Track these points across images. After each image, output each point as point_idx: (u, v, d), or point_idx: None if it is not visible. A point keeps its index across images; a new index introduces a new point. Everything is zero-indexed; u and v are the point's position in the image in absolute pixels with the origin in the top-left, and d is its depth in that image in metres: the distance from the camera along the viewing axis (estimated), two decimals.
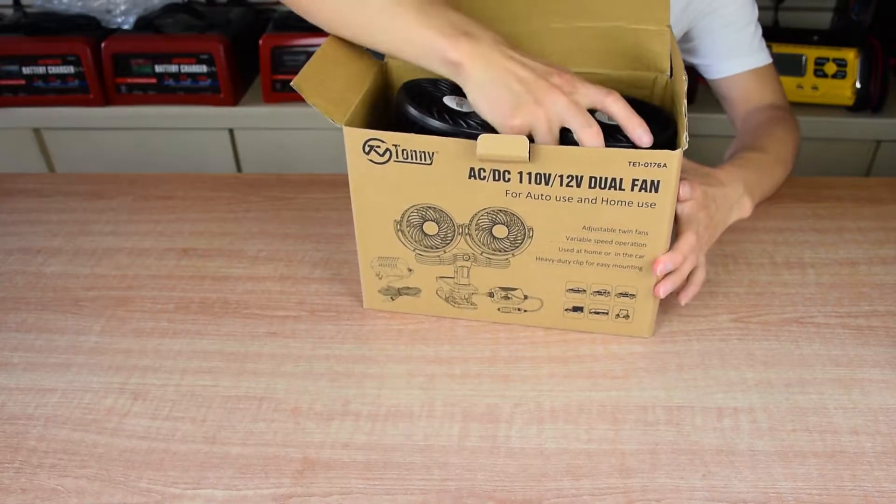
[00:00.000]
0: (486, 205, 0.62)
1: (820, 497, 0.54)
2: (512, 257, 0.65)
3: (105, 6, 1.54)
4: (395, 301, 0.71)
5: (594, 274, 0.65)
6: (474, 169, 0.60)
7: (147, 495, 0.55)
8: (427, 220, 0.64)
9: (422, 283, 0.69)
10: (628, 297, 0.66)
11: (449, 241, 0.65)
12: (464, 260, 0.66)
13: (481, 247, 0.65)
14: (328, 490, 0.55)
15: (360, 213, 0.66)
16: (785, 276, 0.76)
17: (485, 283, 0.67)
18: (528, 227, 0.63)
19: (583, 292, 0.66)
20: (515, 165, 0.59)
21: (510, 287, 0.67)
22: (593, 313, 0.67)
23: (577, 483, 0.55)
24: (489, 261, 0.65)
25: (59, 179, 0.95)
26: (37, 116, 1.52)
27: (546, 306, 0.68)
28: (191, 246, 0.80)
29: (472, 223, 0.63)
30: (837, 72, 1.46)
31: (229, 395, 0.63)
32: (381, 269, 0.69)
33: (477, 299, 0.69)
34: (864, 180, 0.94)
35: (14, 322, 0.72)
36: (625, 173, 0.58)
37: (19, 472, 0.57)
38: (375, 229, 0.66)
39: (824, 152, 1.51)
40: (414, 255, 0.67)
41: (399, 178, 0.62)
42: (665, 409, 0.61)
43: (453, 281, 0.68)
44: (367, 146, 0.61)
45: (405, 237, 0.66)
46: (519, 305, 0.68)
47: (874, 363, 0.66)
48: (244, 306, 0.73)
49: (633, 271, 0.64)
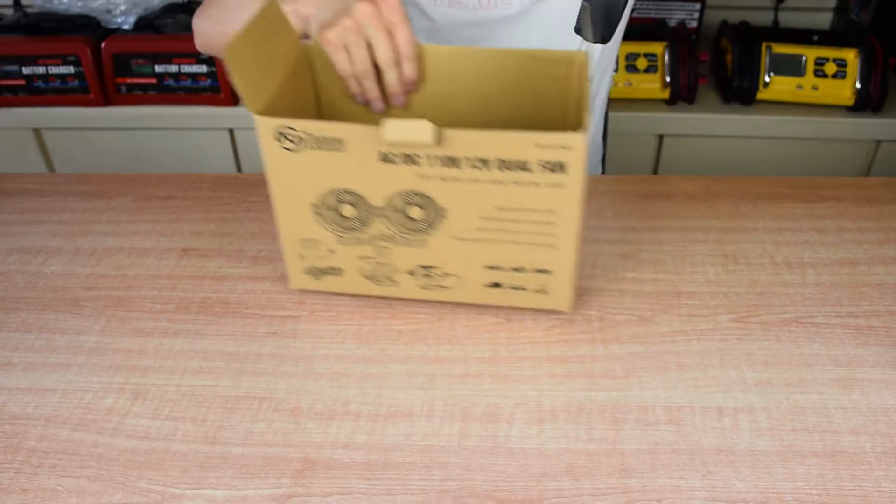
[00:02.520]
0: (399, 188, 0.63)
1: (820, 497, 0.54)
2: (428, 237, 0.66)
3: (105, 6, 1.54)
4: (320, 280, 0.72)
5: (510, 252, 0.66)
6: (385, 153, 0.62)
7: (147, 495, 0.55)
8: (344, 203, 0.66)
9: (344, 263, 0.70)
10: (545, 273, 0.67)
11: (367, 223, 0.66)
12: (383, 240, 0.67)
13: (398, 227, 0.66)
14: (328, 490, 0.55)
15: (278, 196, 0.67)
16: (785, 276, 0.76)
17: (405, 262, 0.69)
18: (442, 209, 0.64)
19: (500, 269, 0.68)
20: (424, 149, 0.61)
21: (430, 265, 0.69)
22: (512, 289, 0.69)
23: (577, 483, 0.55)
24: (407, 241, 0.67)
25: (59, 179, 0.95)
26: (37, 116, 1.52)
27: (466, 283, 0.69)
28: (191, 246, 0.80)
29: (388, 205, 0.65)
30: (837, 72, 1.46)
31: (229, 395, 0.63)
32: (303, 251, 0.70)
33: (399, 277, 0.70)
34: (864, 180, 0.93)
35: (14, 322, 0.72)
36: (531, 155, 0.59)
37: (19, 472, 0.57)
38: (295, 213, 0.68)
39: (824, 152, 1.51)
40: (334, 236, 0.68)
41: (313, 165, 0.63)
42: (665, 409, 0.61)
43: (374, 260, 0.69)
44: (279, 134, 0.62)
45: (324, 220, 0.67)
46: (439, 283, 0.70)
47: (874, 363, 0.66)
48: (244, 306, 0.73)
49: (546, 248, 0.65)
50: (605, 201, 0.81)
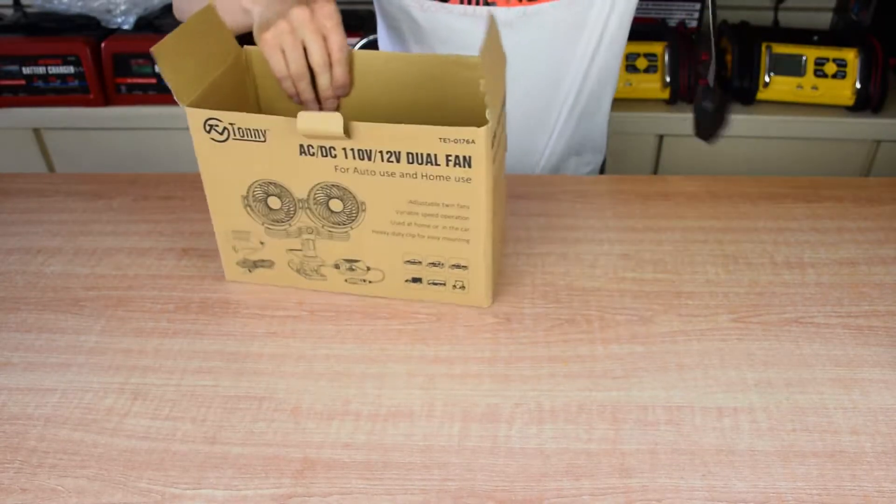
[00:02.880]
0: (319, 180, 0.66)
1: (820, 497, 0.54)
2: (351, 230, 0.68)
3: (105, 6, 1.54)
4: (253, 273, 0.74)
5: (426, 246, 0.68)
6: (304, 145, 0.64)
7: (147, 495, 0.55)
8: (270, 195, 0.68)
9: (274, 255, 0.72)
10: (461, 268, 0.69)
11: (292, 215, 0.68)
12: (308, 233, 0.69)
13: (321, 220, 0.68)
14: (328, 490, 0.55)
15: (210, 188, 0.69)
16: (785, 276, 0.76)
17: (330, 255, 0.71)
18: (361, 202, 0.66)
19: (419, 264, 0.69)
20: (338, 142, 0.63)
21: (353, 259, 0.70)
22: (431, 284, 0.71)
23: (577, 483, 0.55)
24: (331, 233, 0.69)
25: (59, 179, 0.95)
26: (37, 116, 1.52)
27: (388, 277, 0.71)
28: (191, 246, 0.80)
29: (310, 197, 0.67)
30: (837, 72, 1.46)
31: (229, 395, 0.63)
32: (236, 243, 0.72)
33: (325, 271, 0.72)
34: (864, 180, 0.93)
35: (14, 322, 0.72)
36: (437, 149, 0.62)
37: (19, 472, 0.57)
38: (226, 204, 0.70)
39: (824, 152, 1.51)
40: (263, 228, 0.70)
41: (239, 155, 0.66)
42: (665, 409, 0.61)
43: (301, 253, 0.71)
44: (207, 125, 0.65)
45: (253, 211, 0.69)
46: (363, 277, 0.71)
47: (874, 363, 0.66)
48: (244, 306, 0.73)
49: (461, 244, 0.67)
50: (605, 201, 0.81)
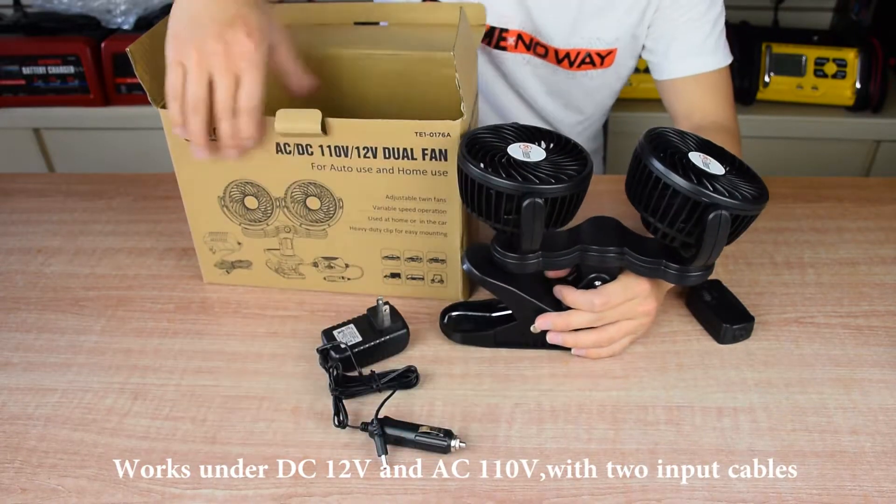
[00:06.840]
0: (296, 178, 0.66)
1: (820, 497, 0.54)
2: (329, 227, 0.69)
3: (105, 6, 1.54)
4: (231, 274, 0.75)
5: (404, 241, 0.69)
6: (280, 144, 0.64)
7: (147, 495, 0.55)
8: (247, 195, 0.68)
9: (252, 255, 0.72)
10: (439, 262, 0.69)
11: (270, 214, 0.69)
12: (286, 232, 0.70)
13: (299, 218, 0.68)
14: (328, 490, 0.55)
15: (185, 190, 0.70)
16: (785, 276, 0.76)
17: (308, 254, 0.71)
18: (338, 198, 0.67)
19: (397, 259, 0.70)
20: (314, 139, 0.63)
21: (331, 256, 0.71)
22: (410, 279, 0.71)
23: (577, 483, 0.55)
24: (308, 231, 0.69)
25: (59, 179, 0.95)
26: (37, 116, 1.52)
27: (366, 274, 0.72)
28: (191, 246, 0.80)
29: (287, 196, 0.67)
30: (837, 72, 1.46)
31: (229, 395, 0.63)
32: (213, 244, 0.73)
33: (304, 269, 0.72)
34: (864, 180, 0.94)
35: (14, 322, 0.72)
36: (414, 143, 0.62)
37: (19, 472, 0.57)
38: (203, 205, 0.70)
39: (824, 152, 1.51)
40: (241, 228, 0.71)
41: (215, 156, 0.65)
42: (665, 409, 0.61)
43: (279, 252, 0.71)
44: None
45: (230, 212, 0.70)
46: (342, 274, 0.72)
47: (874, 363, 0.66)
48: (244, 306, 0.73)
49: (439, 237, 0.68)
50: (605, 201, 0.81)
